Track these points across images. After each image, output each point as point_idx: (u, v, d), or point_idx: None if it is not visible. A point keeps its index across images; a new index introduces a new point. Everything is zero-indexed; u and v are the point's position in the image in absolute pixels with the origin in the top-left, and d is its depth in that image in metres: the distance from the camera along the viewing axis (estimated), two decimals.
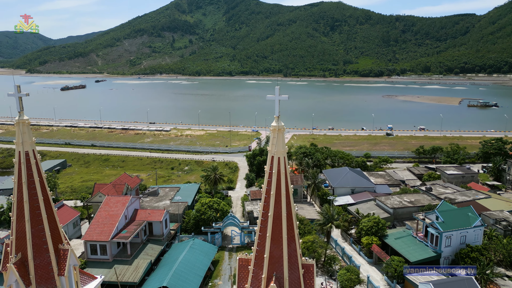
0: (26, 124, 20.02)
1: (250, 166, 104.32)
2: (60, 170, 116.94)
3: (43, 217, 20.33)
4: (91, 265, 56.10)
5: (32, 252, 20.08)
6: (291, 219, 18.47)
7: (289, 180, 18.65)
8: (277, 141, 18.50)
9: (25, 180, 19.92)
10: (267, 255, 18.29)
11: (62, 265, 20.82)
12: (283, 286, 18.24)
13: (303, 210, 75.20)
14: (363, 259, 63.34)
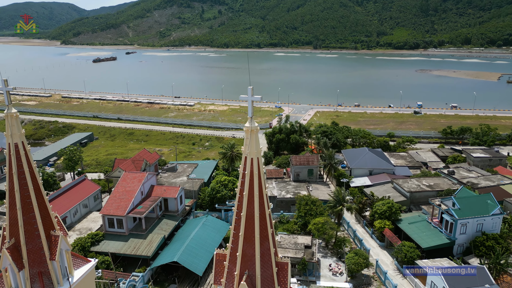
0: (15, 117, 20.70)
1: (269, 144, 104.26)
2: (87, 143, 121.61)
3: (34, 205, 21.32)
4: (108, 238, 59.04)
5: (24, 238, 21.26)
6: (264, 219, 18.46)
7: (263, 181, 18.50)
8: (250, 142, 18.27)
9: (15, 171, 20.85)
10: (240, 253, 18.51)
11: (54, 250, 21.96)
12: (255, 283, 18.51)
13: (317, 191, 74.99)
14: (375, 242, 62.99)
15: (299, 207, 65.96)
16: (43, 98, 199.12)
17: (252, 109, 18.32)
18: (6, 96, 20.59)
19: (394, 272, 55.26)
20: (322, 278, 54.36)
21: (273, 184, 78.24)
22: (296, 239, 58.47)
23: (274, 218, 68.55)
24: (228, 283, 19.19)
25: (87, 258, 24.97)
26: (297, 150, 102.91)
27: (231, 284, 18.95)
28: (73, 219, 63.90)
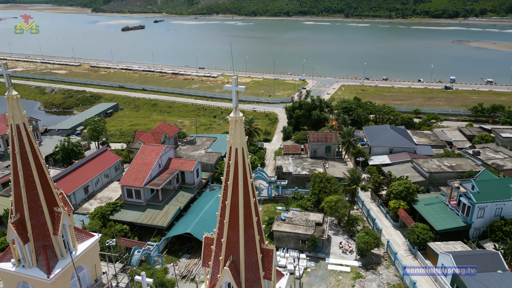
0: (15, 99, 21.44)
1: (289, 118, 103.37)
2: (112, 113, 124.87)
3: (36, 183, 22.44)
4: (127, 207, 61.61)
5: (28, 213, 22.58)
6: (249, 208, 18.65)
7: (248, 170, 18.54)
8: (234, 132, 18.17)
9: (17, 151, 21.86)
10: (225, 239, 18.92)
11: (57, 226, 23.25)
12: (239, 268, 18.99)
13: (334, 168, 74.42)
14: (388, 222, 62.54)
15: (314, 184, 65.93)
16: (73, 67, 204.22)
17: (236, 99, 18.08)
18: (6, 78, 21.26)
19: (406, 253, 55.04)
20: (332, 255, 54.94)
21: (289, 160, 78.21)
22: (308, 216, 58.90)
23: (289, 194, 69.05)
24: (215, 266, 19.78)
25: (90, 233, 26.30)
26: (317, 125, 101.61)
27: (217, 268, 19.53)
28: (94, 188, 66.82)
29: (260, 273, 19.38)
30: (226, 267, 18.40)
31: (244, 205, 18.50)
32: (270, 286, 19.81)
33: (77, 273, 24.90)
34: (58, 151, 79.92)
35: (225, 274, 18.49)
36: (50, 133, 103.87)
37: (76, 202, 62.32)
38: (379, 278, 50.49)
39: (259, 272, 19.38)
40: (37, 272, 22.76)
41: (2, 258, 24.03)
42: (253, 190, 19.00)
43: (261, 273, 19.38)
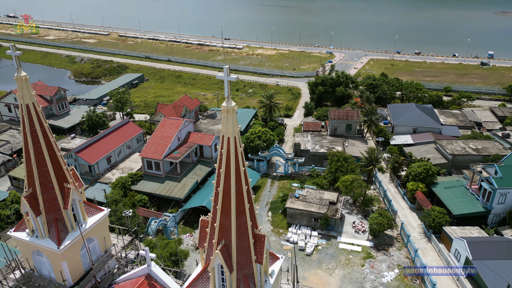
0: (24, 80, 22.23)
1: (311, 94, 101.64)
2: (138, 83, 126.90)
3: (46, 160, 23.58)
4: (147, 178, 63.77)
5: (40, 188, 23.90)
6: (241, 195, 18.96)
7: (240, 159, 18.70)
8: (227, 121, 18.23)
9: (28, 129, 22.90)
10: (218, 224, 19.46)
11: (66, 200, 24.55)
12: (230, 252, 19.59)
13: (353, 147, 73.39)
14: (405, 203, 61.78)
15: (331, 163, 65.58)
16: (102, 36, 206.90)
17: (228, 88, 17.98)
18: (15, 59, 21.99)
19: (420, 236, 54.61)
20: (344, 234, 55.28)
21: (308, 137, 77.63)
22: (322, 194, 59.02)
23: (305, 172, 69.10)
24: (209, 248, 20.48)
25: (100, 208, 27.60)
26: (341, 102, 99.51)
27: (211, 250, 20.22)
28: (117, 159, 69.28)
29: (252, 257, 19.93)
30: (218, 250, 19.01)
31: (236, 192, 18.82)
32: (261, 269, 20.35)
33: (87, 244, 26.43)
34: (84, 121, 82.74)
35: (216, 257, 19.14)
36: (78, 103, 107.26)
37: (99, 171, 65.02)
38: (390, 259, 50.58)
39: (251, 256, 19.92)
40: (48, 242, 24.34)
41: (18, 228, 25.82)
42: (245, 177, 19.22)
43: (253, 257, 19.93)
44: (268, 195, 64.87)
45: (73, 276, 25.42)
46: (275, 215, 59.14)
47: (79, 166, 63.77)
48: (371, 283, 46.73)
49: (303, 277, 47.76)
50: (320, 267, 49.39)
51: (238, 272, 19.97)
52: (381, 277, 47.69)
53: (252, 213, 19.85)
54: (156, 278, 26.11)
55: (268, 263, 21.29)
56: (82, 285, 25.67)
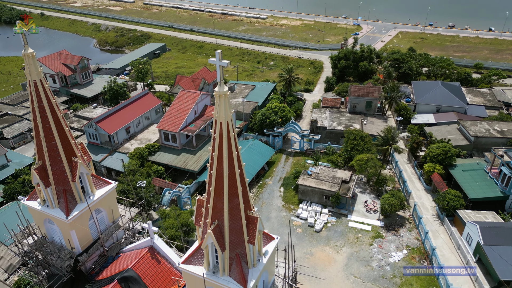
0: (31, 57, 22.80)
1: (333, 68, 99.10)
2: (160, 53, 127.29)
3: (55, 135, 24.50)
4: (163, 150, 65.24)
5: (49, 161, 25.00)
6: (233, 178, 19.23)
7: (234, 143, 18.81)
8: (219, 106, 18.21)
9: (36, 105, 23.72)
10: (211, 205, 19.95)
11: (74, 173, 25.63)
12: (223, 232, 20.16)
13: (372, 125, 71.94)
14: (421, 185, 60.76)
15: (347, 141, 64.79)
16: (127, 4, 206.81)
17: (221, 74, 17.86)
18: (22, 37, 22.50)
19: (433, 218, 53.97)
20: (355, 213, 55.33)
21: (326, 114, 76.52)
22: (335, 172, 58.79)
23: (321, 149, 68.65)
24: (204, 226, 21.11)
25: (108, 181, 28.68)
26: (364, 77, 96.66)
27: (206, 229, 20.86)
28: (136, 129, 70.90)
29: (245, 237, 20.43)
30: (210, 230, 19.59)
31: (229, 176, 19.09)
32: (254, 249, 20.89)
33: (95, 215, 27.74)
34: (106, 91, 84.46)
35: (209, 237, 19.76)
36: (102, 72, 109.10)
37: (118, 141, 66.92)
38: (399, 239, 50.51)
39: (243, 237, 20.43)
40: (58, 212, 25.72)
41: (30, 197, 27.33)
42: (239, 161, 19.41)
43: (245, 237, 20.43)
44: (282, 170, 65.22)
45: (81, 244, 26.92)
46: (287, 191, 59.65)
47: (99, 135, 65.75)
48: (378, 262, 47.05)
49: (310, 252, 48.62)
50: (328, 244, 49.99)
51: (230, 251, 20.60)
52: (388, 257, 47.88)
53: (245, 196, 20.17)
54: (158, 250, 27.34)
55: (261, 243, 21.81)
56: (90, 252, 27.18)
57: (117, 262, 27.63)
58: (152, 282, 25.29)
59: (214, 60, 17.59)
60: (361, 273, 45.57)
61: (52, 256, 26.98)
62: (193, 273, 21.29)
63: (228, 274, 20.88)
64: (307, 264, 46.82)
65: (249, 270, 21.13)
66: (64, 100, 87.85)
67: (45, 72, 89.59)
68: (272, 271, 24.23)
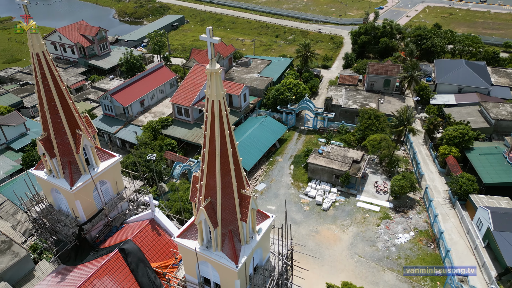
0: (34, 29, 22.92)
1: (353, 44, 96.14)
2: (177, 26, 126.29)
3: (58, 107, 24.93)
4: (176, 124, 65.80)
5: (53, 133, 25.59)
6: (226, 157, 19.22)
7: (226, 122, 18.69)
8: (211, 85, 17.96)
9: (39, 78, 24.08)
10: (204, 182, 20.12)
11: (78, 146, 26.21)
12: (216, 209, 20.40)
13: (388, 105, 70.12)
14: (435, 167, 59.48)
15: (361, 120, 63.60)
16: None
17: (212, 51, 17.50)
18: (23, 9, 22.59)
19: (444, 201, 53.07)
20: (364, 193, 54.96)
21: (342, 91, 74.88)
22: (346, 152, 58.12)
23: (334, 127, 67.72)
24: (198, 203, 21.41)
25: (112, 154, 29.24)
26: (385, 54, 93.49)
27: (200, 205, 21.14)
28: (150, 102, 71.52)
29: (237, 215, 20.63)
30: (202, 207, 19.85)
31: (221, 154, 19.09)
32: (247, 227, 21.12)
33: (100, 186, 28.52)
34: (122, 63, 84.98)
35: (201, 213, 20.05)
36: (120, 43, 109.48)
37: (133, 114, 67.80)
38: (407, 221, 50.10)
39: (236, 214, 20.63)
40: (63, 182, 26.54)
41: (38, 166, 28.25)
42: (231, 140, 19.33)
43: (238, 215, 20.63)
44: (293, 148, 64.93)
45: (86, 213, 27.87)
46: (297, 169, 59.57)
47: (114, 107, 66.74)
48: (384, 243, 47.00)
49: (316, 230, 48.96)
50: (335, 222, 50.12)
51: (223, 227, 20.89)
52: (395, 238, 47.71)
53: (238, 175, 20.21)
54: (159, 223, 28.05)
55: (255, 221, 22.00)
56: (94, 222, 28.17)
57: (120, 233, 28.57)
58: (152, 254, 26.12)
59: (205, 36, 17.24)
60: (366, 253, 45.72)
61: (59, 223, 28.10)
62: (186, 247, 21.80)
63: (221, 250, 21.27)
64: (312, 242, 47.32)
65: (242, 246, 21.45)
66: (83, 71, 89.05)
67: (64, 43, 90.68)
68: (267, 248, 24.54)
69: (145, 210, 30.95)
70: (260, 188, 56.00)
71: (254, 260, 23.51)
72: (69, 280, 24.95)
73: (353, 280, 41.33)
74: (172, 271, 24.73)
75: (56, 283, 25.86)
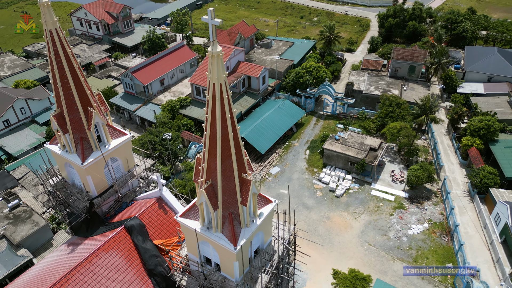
0: (47, 6, 23.24)
1: (380, 28, 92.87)
2: (202, 4, 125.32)
3: (71, 84, 25.44)
4: (195, 104, 66.14)
5: (66, 109, 26.23)
6: (227, 140, 19.18)
7: (227, 105, 18.55)
8: (212, 67, 17.76)
9: (52, 54, 24.53)
10: (205, 165, 20.24)
11: (90, 123, 26.81)
12: (216, 192, 20.56)
13: (412, 92, 67.88)
14: (456, 158, 57.67)
15: (382, 107, 62.02)
16: None
17: (213, 32, 17.22)
18: None
19: (463, 194, 51.61)
20: (380, 181, 54.08)
21: (364, 76, 72.89)
22: (364, 139, 57.04)
23: (354, 113, 66.37)
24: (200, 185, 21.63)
25: (124, 132, 29.77)
26: (413, 39, 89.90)
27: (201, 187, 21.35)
28: (170, 81, 72.02)
29: (238, 198, 20.74)
30: (203, 189, 20.04)
31: (222, 138, 19.06)
32: (247, 210, 21.23)
33: (111, 163, 29.23)
34: (145, 41, 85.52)
35: (201, 195, 20.26)
36: (144, 21, 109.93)
37: (152, 92, 68.58)
38: (422, 212, 49.13)
39: (236, 198, 20.75)
40: (75, 158, 27.34)
41: (52, 141, 29.16)
42: (233, 124, 19.23)
43: (238, 198, 20.73)
44: (310, 133, 64.26)
45: (97, 188, 28.73)
46: (313, 154, 59.07)
47: (135, 85, 67.63)
48: (395, 232, 46.39)
49: (327, 216, 48.79)
50: (347, 210, 49.75)
51: (223, 210, 21.09)
52: (407, 228, 46.98)
53: (239, 158, 20.19)
54: (166, 202, 28.61)
55: (256, 205, 22.06)
56: (105, 197, 29.05)
57: (129, 209, 29.36)
58: (157, 231, 26.78)
59: (206, 18, 16.96)
60: (376, 242, 45.32)
61: (71, 197, 29.13)
62: (188, 226, 22.20)
63: (221, 232, 21.54)
64: (322, 228, 47.27)
65: (242, 229, 21.63)
66: (107, 48, 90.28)
67: (89, 19, 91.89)
68: (269, 232, 24.67)
69: (155, 189, 31.56)
70: (274, 171, 56.01)
71: (255, 243, 23.70)
72: (78, 252, 26.02)
73: (361, 268, 41.18)
74: (175, 249, 25.32)
75: (67, 253, 27.03)
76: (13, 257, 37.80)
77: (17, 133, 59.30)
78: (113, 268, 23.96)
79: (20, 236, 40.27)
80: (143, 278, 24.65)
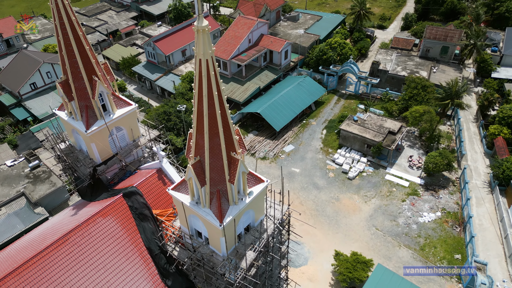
0: None
1: (416, 3, 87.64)
2: None
3: (75, 52, 25.76)
4: None
5: (71, 77, 26.72)
6: (214, 118, 18.94)
7: (214, 82, 18.16)
8: (198, 42, 17.28)
9: (57, 22, 24.78)
10: (194, 141, 20.21)
11: (94, 91, 27.26)
12: (204, 168, 20.61)
13: (442, 74, 64.43)
14: (481, 147, 54.98)
15: (406, 88, 59.46)
16: None
17: (200, 6, 16.66)
18: None
19: (483, 185, 49.48)
20: (396, 166, 52.61)
21: (392, 56, 69.61)
22: (384, 122, 55.20)
23: (377, 94, 64.05)
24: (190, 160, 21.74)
25: (129, 102, 30.13)
26: (451, 17, 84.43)
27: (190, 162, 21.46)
28: (192, 52, 71.69)
29: (226, 176, 20.72)
30: (190, 165, 20.14)
31: (209, 115, 18.84)
32: (235, 188, 21.24)
33: (116, 132, 29.88)
34: (171, 10, 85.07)
35: (189, 170, 20.39)
36: None
37: (174, 63, 68.74)
38: (436, 201, 47.63)
39: (224, 175, 20.73)
40: (80, 125, 28.07)
41: (61, 107, 30.00)
42: (220, 101, 18.90)
43: (226, 176, 20.72)
44: (329, 112, 62.84)
45: (101, 156, 29.57)
46: (329, 134, 57.97)
47: (157, 55, 67.94)
48: (405, 219, 45.39)
49: (337, 198, 48.30)
50: (358, 192, 48.97)
51: (211, 186, 21.18)
52: (418, 216, 45.81)
53: (228, 136, 19.99)
54: (166, 173, 29.10)
55: (245, 184, 21.97)
56: (109, 165, 29.91)
57: (132, 177, 30.15)
58: (155, 201, 27.43)
59: None
60: (384, 227, 44.61)
61: (78, 162, 30.18)
62: (177, 199, 22.56)
63: (209, 207, 21.74)
64: (330, 209, 46.93)
65: (230, 206, 21.74)
66: (134, 15, 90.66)
67: None
68: (261, 211, 24.68)
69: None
70: (288, 150, 55.57)
71: (245, 221, 23.84)
72: (79, 215, 27.18)
73: (365, 252, 40.85)
74: (170, 219, 25.92)
75: (70, 215, 28.33)
76: (30, 214, 40.13)
77: (43, 96, 61.54)
78: (108, 234, 24.93)
79: (38, 195, 42.59)
80: (137, 245, 25.54)
